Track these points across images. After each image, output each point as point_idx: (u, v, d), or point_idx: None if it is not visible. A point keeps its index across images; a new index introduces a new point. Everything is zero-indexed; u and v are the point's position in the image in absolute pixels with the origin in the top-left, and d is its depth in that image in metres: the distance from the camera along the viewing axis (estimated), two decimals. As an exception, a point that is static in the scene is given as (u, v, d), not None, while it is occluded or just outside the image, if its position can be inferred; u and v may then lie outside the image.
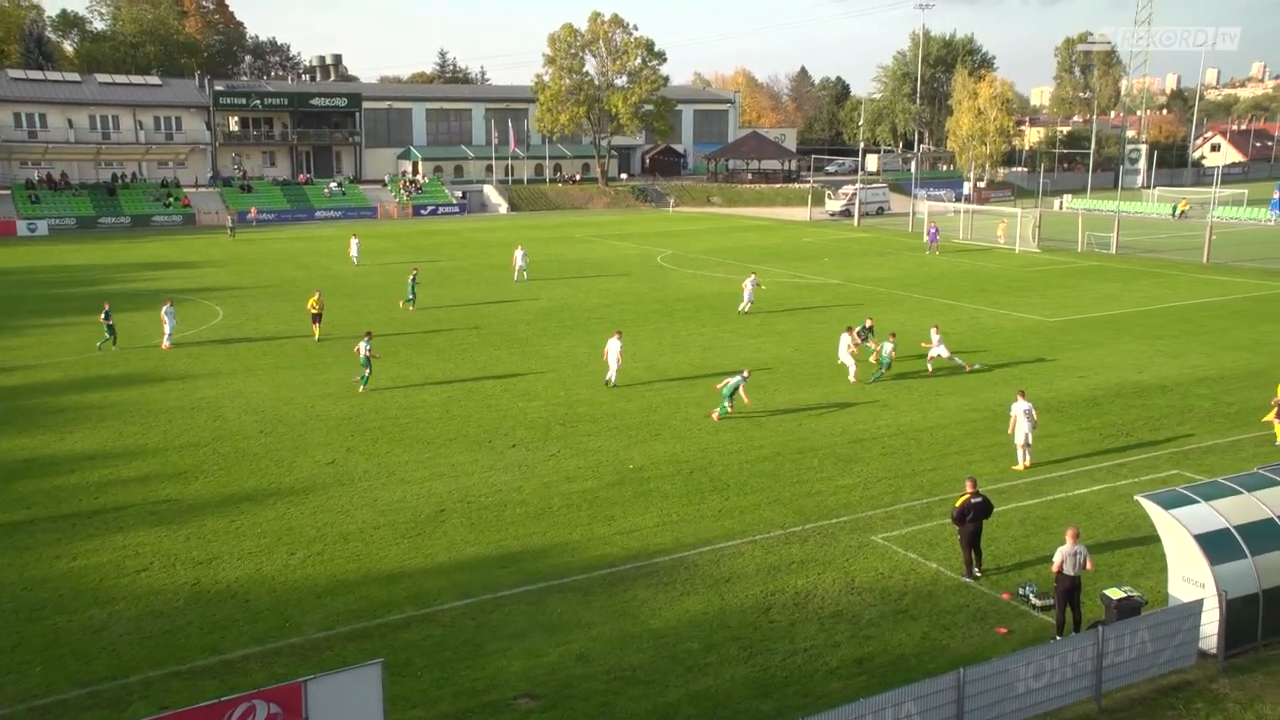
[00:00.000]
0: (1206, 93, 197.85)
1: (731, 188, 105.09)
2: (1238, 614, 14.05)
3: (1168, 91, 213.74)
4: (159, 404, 27.10)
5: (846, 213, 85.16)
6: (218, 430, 24.74)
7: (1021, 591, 15.96)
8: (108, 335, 33.61)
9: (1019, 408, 21.54)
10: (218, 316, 40.03)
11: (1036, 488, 20.41)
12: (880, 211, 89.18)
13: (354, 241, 56.65)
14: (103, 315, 33.92)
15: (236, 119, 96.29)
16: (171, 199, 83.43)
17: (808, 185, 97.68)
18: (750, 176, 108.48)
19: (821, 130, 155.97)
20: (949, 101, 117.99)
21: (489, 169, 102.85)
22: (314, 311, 35.23)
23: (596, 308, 41.38)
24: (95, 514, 19.47)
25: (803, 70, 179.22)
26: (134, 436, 24.26)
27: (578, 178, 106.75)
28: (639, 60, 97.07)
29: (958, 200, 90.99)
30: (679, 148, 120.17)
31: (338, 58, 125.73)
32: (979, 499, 16.55)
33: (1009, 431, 21.82)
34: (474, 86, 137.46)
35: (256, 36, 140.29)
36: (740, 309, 39.84)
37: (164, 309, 34.29)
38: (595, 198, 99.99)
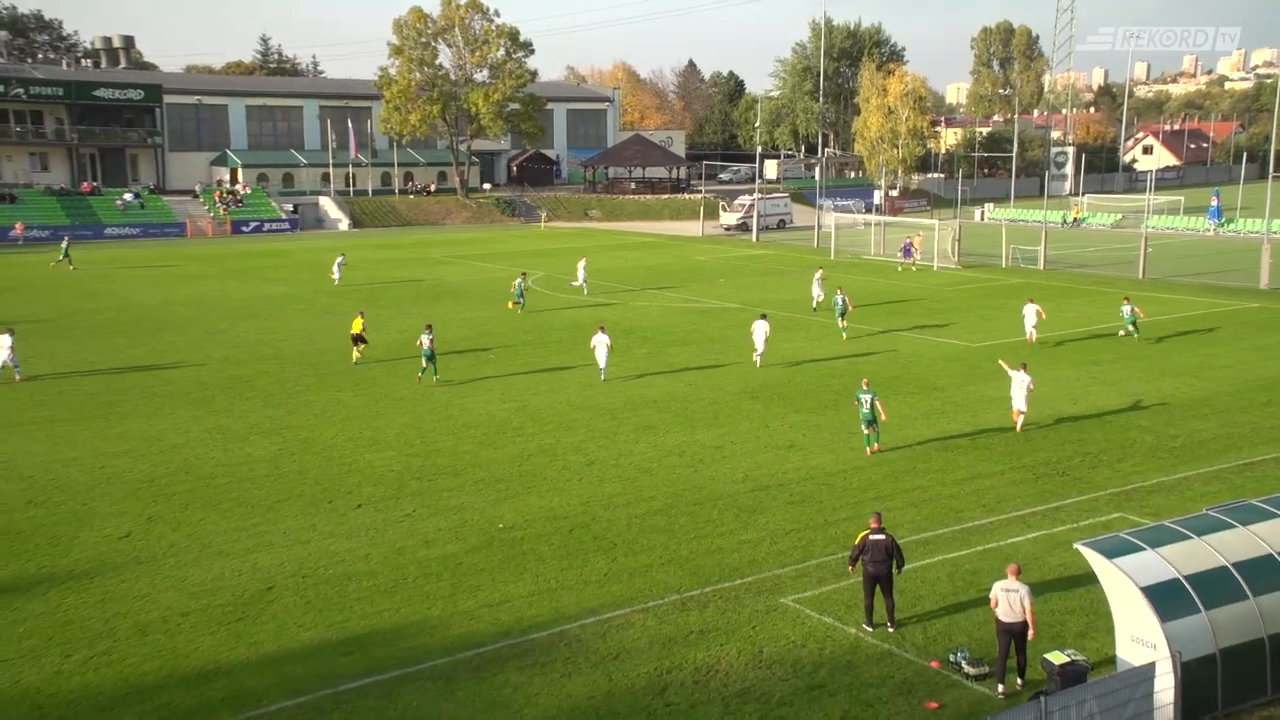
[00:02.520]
0: (1136, 89, 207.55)
1: (612, 199, 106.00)
2: (1194, 678, 14.28)
3: (1094, 87, 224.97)
4: (-99, 469, 25.54)
5: (744, 226, 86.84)
6: (-21, 499, 23.45)
7: (953, 659, 16.30)
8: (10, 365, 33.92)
9: (1016, 376, 27.72)
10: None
11: (964, 537, 20.95)
12: (782, 225, 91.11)
13: (339, 260, 57.84)
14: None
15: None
16: (-97, 210, 79.26)
17: (699, 196, 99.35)
18: (634, 186, 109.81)
19: (713, 133, 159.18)
20: (855, 99, 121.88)
21: (325, 178, 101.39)
22: (355, 332, 36.86)
23: (457, 340, 41.01)
24: None
25: (691, 64, 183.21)
26: None
27: (433, 188, 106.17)
28: (502, 51, 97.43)
29: (868, 211, 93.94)
30: (550, 153, 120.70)
31: (129, 40, 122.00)
32: (880, 535, 17.02)
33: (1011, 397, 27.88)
34: (306, 80, 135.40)
35: (14, 8, 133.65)
36: (815, 307, 47.28)
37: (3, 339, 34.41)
38: (454, 211, 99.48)
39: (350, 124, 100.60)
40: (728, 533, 21.19)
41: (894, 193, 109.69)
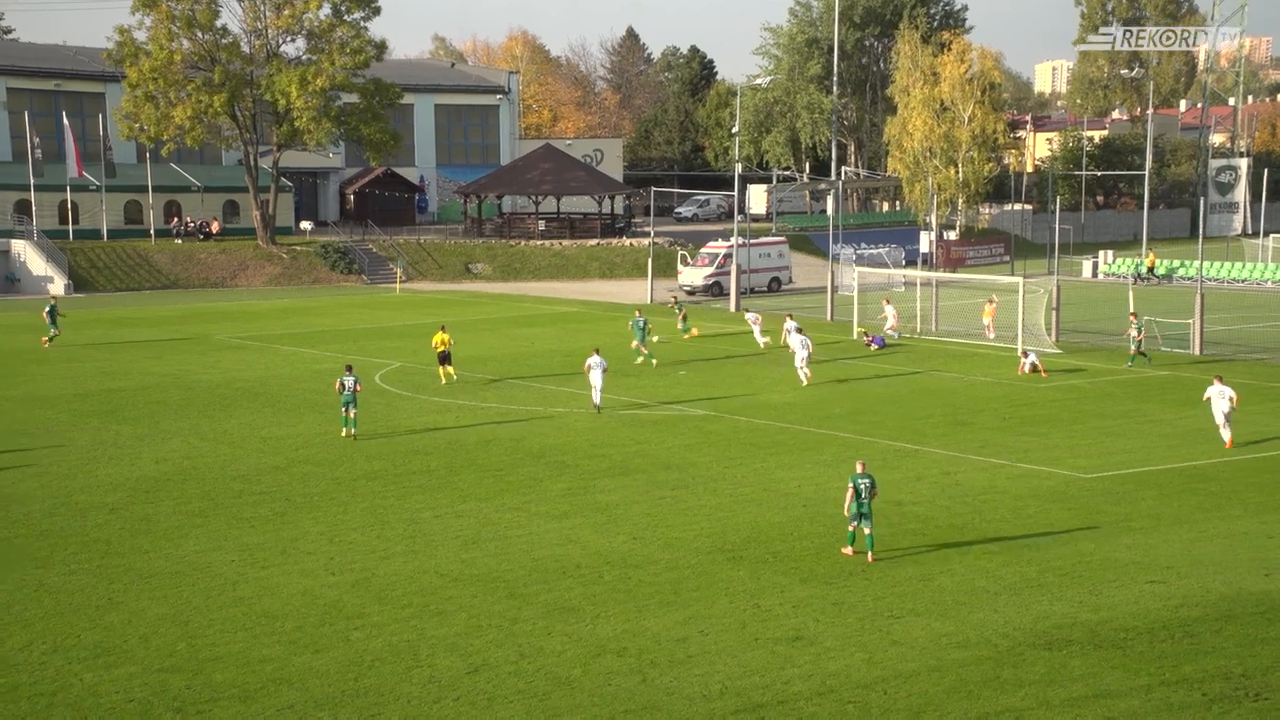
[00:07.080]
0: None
1: (509, 246, 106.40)
2: None
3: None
4: None
5: (716, 288, 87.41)
6: None
7: None
8: None
9: (1214, 390, 39.99)
10: None
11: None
12: (776, 285, 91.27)
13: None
14: None
15: None
16: None
17: (645, 242, 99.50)
18: (543, 226, 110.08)
19: (667, 143, 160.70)
20: (889, 90, 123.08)
21: (23, 208, 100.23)
22: (442, 350, 51.37)
23: (258, 473, 40.51)
24: None
25: (631, 36, 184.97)
26: None
27: (216, 228, 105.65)
28: (327, 9, 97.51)
29: (910, 264, 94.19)
30: (410, 174, 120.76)
31: None
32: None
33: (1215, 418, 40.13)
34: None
35: None
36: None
37: None
38: (251, 265, 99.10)
39: (66, 120, 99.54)
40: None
41: (951, 234, 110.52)
